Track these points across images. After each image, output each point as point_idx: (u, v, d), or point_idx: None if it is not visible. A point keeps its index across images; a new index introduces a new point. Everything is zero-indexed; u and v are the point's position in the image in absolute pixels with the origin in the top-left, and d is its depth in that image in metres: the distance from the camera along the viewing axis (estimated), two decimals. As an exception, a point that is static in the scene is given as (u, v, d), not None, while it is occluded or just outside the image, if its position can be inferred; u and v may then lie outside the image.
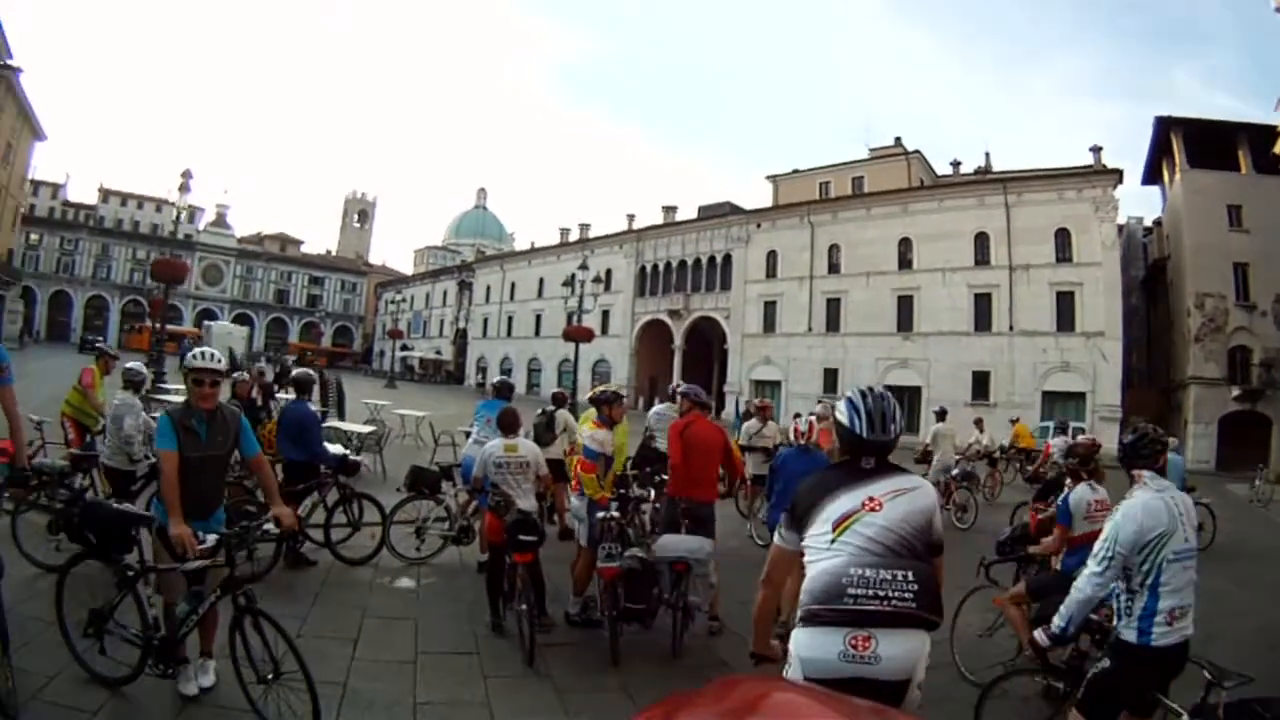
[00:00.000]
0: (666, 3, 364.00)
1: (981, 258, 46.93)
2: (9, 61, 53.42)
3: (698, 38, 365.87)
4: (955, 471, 16.45)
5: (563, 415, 11.97)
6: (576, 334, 40.67)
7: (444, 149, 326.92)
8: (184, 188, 31.20)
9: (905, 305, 49.92)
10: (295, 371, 11.74)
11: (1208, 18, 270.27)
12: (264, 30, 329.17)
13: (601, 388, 8.82)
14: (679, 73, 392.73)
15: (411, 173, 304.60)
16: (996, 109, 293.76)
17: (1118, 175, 44.05)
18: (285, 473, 9.43)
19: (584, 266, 43.23)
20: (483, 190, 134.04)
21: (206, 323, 72.33)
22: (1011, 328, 45.17)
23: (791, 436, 8.88)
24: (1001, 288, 45.85)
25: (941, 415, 17.63)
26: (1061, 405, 41.77)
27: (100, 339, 64.13)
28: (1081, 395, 42.64)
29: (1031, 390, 43.68)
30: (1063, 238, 44.17)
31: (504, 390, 11.21)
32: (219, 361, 5.33)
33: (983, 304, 46.64)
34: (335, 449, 11.45)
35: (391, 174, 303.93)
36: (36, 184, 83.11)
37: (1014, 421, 24.85)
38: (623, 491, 8.23)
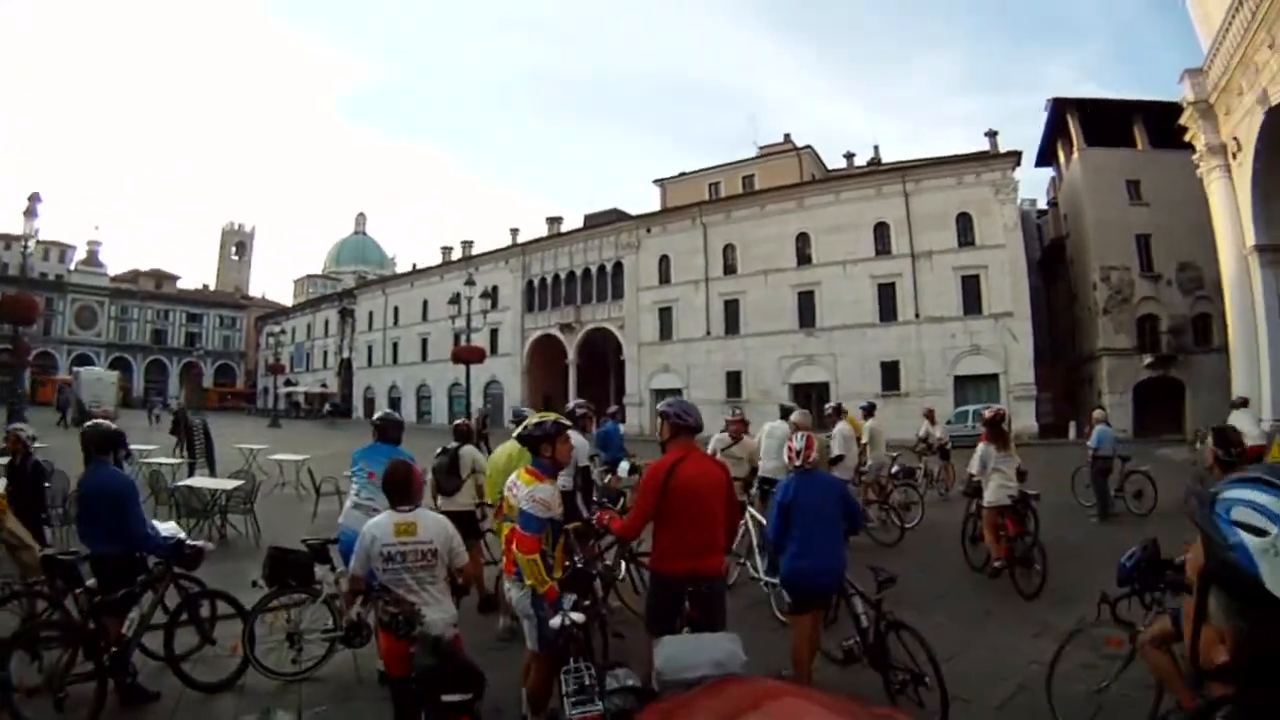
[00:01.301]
0: (542, 10, 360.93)
1: (883, 247, 46.04)
2: None
3: (575, 43, 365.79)
4: (895, 469, 15.26)
5: (469, 453, 9.61)
6: (466, 355, 37.97)
7: (321, 176, 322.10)
8: (30, 211, 27.85)
9: (806, 301, 48.26)
10: (88, 425, 7.68)
11: (1077, 14, 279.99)
12: (128, 61, 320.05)
13: (538, 417, 5.81)
14: (559, 83, 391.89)
15: (289, 201, 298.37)
16: (877, 108, 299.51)
17: (1016, 157, 44.17)
18: (97, 573, 6.40)
19: (470, 282, 40.82)
20: (362, 215, 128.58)
21: (76, 369, 67.13)
22: (918, 315, 44.15)
23: (787, 458, 6.83)
24: (905, 276, 44.87)
25: (870, 411, 15.42)
26: (975, 389, 41.75)
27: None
28: (995, 377, 42.25)
29: (943, 376, 42.91)
30: (964, 222, 43.92)
31: (389, 430, 8.24)
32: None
33: (887, 294, 45.49)
34: (167, 528, 7.53)
35: (269, 203, 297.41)
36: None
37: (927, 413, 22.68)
38: (577, 565, 5.61)
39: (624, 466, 10.70)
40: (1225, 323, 32.95)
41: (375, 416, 8.63)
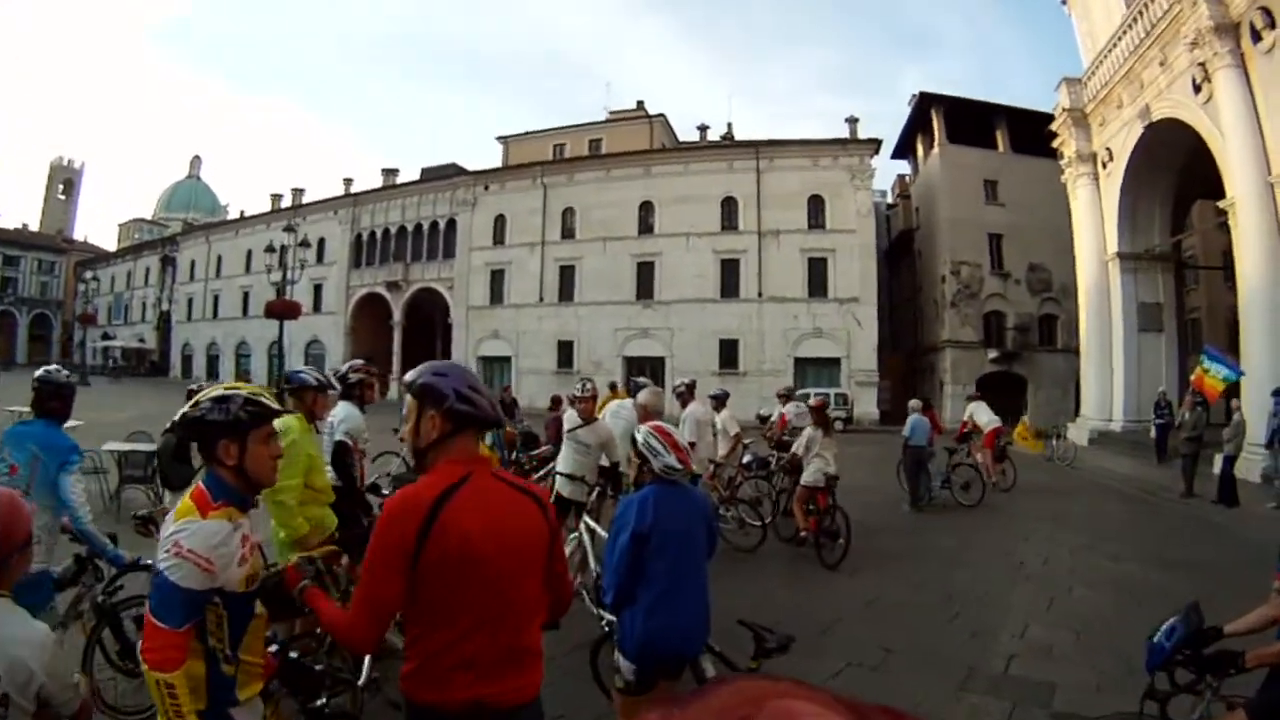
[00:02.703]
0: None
1: (729, 223, 44.77)
2: None
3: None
4: (748, 458, 13.08)
5: None
6: (281, 309, 34.64)
7: (158, 116, 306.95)
8: None
9: (646, 272, 46.26)
10: None
11: (937, 26, 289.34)
12: None
13: (222, 390, 2.96)
14: (407, 35, 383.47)
15: (126, 141, 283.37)
16: (736, 91, 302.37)
17: (875, 145, 44.28)
18: None
19: (289, 229, 36.92)
20: (197, 159, 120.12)
21: None
22: (761, 294, 43.08)
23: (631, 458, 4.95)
24: (750, 253, 43.82)
25: (722, 401, 13.06)
26: (815, 371, 41.40)
27: None
28: (836, 361, 42.09)
29: (783, 357, 42.05)
30: (816, 205, 43.47)
31: (49, 398, 5.25)
32: None
33: (730, 270, 44.20)
34: None
35: (103, 141, 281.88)
36: None
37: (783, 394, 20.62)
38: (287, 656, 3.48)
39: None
40: (1073, 324, 34.85)
41: (35, 376, 5.33)
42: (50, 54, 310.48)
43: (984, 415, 17.90)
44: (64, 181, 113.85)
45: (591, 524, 7.98)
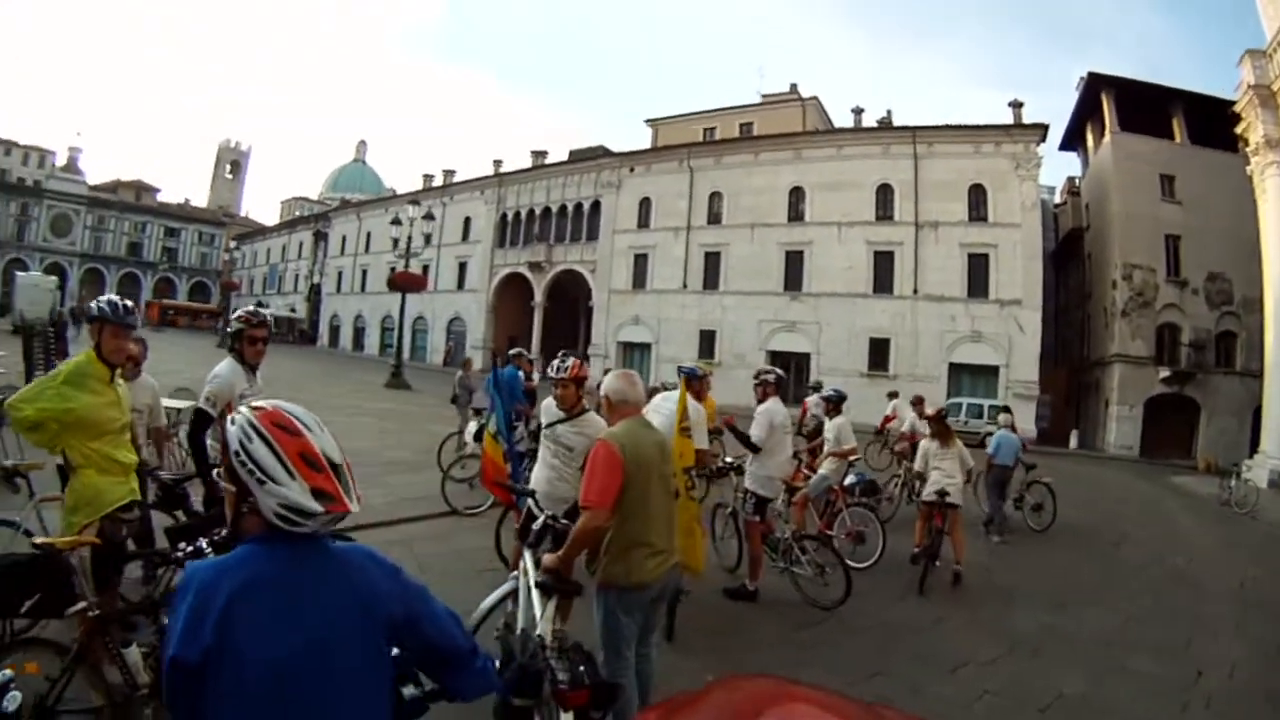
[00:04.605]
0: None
1: (884, 212, 41.93)
2: None
3: None
4: (850, 479, 11.23)
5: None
6: (404, 281, 34.81)
7: (323, 102, 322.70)
8: None
9: (794, 262, 44.00)
10: None
11: (1102, 22, 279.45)
12: None
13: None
14: (563, 25, 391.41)
15: (290, 124, 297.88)
16: (890, 84, 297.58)
17: (1042, 131, 40.11)
18: None
19: (415, 201, 38.45)
20: (363, 143, 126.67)
21: (17, 273, 63.09)
22: (916, 291, 40.09)
23: None
24: (906, 246, 40.81)
25: (837, 405, 11.02)
26: (971, 379, 38.49)
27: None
28: (994, 370, 38.38)
29: (938, 362, 39.17)
30: (978, 195, 39.90)
31: None
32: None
33: (884, 263, 41.39)
34: None
35: (269, 125, 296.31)
36: None
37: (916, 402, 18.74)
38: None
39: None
40: (1255, 343, 32.07)
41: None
42: (229, 45, 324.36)
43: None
44: (231, 162, 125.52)
45: (530, 566, 4.78)
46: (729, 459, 9.31)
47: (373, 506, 10.18)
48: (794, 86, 55.63)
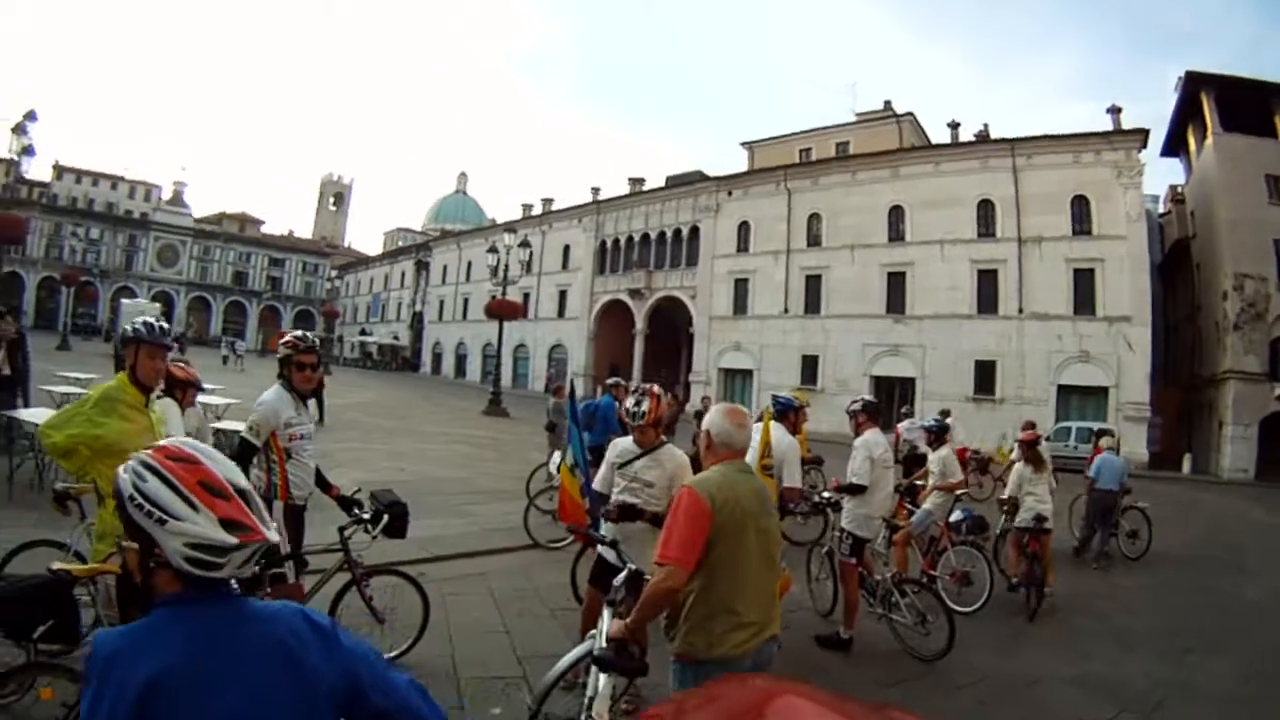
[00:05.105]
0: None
1: (986, 229, 41.08)
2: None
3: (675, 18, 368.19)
4: (957, 515, 10.28)
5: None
6: (501, 309, 35.47)
7: (424, 135, 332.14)
8: (20, 129, 26.24)
9: (896, 283, 43.49)
10: None
11: (1192, 22, 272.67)
12: (236, 10, 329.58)
13: None
14: (657, 52, 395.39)
15: (392, 158, 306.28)
16: (983, 100, 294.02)
17: (1142, 137, 38.38)
18: None
19: (511, 229, 39.45)
20: (463, 175, 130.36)
21: (122, 300, 66.02)
22: (1021, 310, 39.02)
23: None
24: (1009, 263, 39.76)
25: (939, 435, 10.75)
26: (1080, 402, 37.11)
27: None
28: (1103, 391, 36.84)
29: (1045, 385, 37.85)
30: (1080, 207, 38.61)
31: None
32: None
33: (987, 282, 40.49)
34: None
35: (371, 158, 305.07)
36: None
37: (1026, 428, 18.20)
38: None
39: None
40: None
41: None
42: (333, 84, 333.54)
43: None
44: (334, 195, 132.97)
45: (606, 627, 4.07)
46: (825, 494, 8.62)
47: (451, 537, 10.39)
48: (888, 103, 55.11)
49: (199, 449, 1.89)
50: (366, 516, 5.73)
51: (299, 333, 5.75)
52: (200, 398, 14.64)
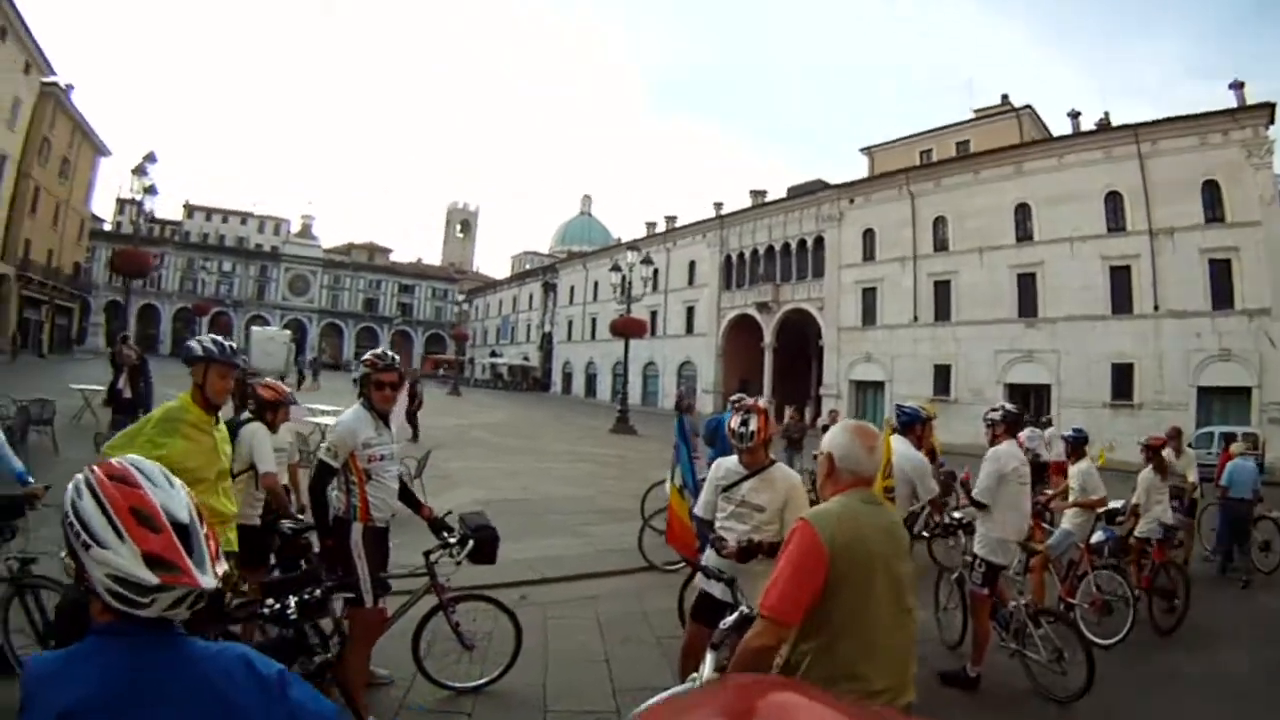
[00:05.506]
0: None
1: (1115, 223, 39.21)
2: (54, 79, 53.30)
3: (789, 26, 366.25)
4: (1099, 535, 9.34)
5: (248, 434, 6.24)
6: (625, 327, 36.67)
7: (548, 159, 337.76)
8: (140, 170, 28.43)
9: (1026, 285, 42.14)
10: None
11: None
12: (360, 48, 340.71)
13: None
14: (769, 61, 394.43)
15: (517, 183, 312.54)
16: (1102, 86, 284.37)
17: (1269, 111, 35.80)
18: None
19: (634, 248, 39.99)
20: (587, 197, 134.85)
21: (253, 328, 69.11)
22: (1157, 307, 37.02)
23: None
24: (1142, 258, 37.75)
25: (1079, 447, 9.96)
26: (1221, 404, 34.86)
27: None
28: (1245, 391, 34.50)
29: (1184, 387, 35.73)
30: (1211, 193, 36.30)
31: None
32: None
33: (1120, 279, 38.53)
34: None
35: (497, 184, 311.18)
36: (123, 203, 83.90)
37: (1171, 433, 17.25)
38: None
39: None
40: None
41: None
42: (457, 118, 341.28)
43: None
44: (461, 222, 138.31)
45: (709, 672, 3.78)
46: (956, 513, 8.23)
47: (563, 558, 10.35)
48: (1005, 98, 53.86)
49: (145, 469, 1.77)
50: (453, 541, 5.69)
51: (379, 351, 5.62)
52: (326, 420, 15.20)
